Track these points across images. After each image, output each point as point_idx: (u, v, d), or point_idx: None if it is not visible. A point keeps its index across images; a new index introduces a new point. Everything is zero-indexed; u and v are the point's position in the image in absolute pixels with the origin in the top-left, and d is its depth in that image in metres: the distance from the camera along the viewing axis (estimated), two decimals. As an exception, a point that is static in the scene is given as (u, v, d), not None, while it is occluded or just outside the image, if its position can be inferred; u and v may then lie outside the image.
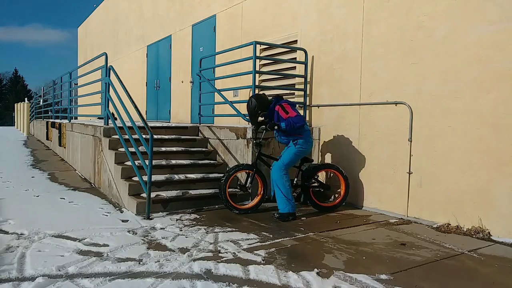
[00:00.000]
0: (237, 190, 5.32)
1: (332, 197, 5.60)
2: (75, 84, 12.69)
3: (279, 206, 4.77)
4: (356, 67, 5.52)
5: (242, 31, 7.88)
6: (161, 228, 4.23)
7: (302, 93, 6.28)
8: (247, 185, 5.13)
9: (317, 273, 3.01)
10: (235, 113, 6.20)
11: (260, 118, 5.08)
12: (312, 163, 5.39)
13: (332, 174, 5.58)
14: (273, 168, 4.89)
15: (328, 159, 5.95)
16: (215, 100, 7.81)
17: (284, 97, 5.39)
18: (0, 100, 59.89)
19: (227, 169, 5.02)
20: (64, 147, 9.57)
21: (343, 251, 3.59)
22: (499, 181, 4.03)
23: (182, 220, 4.61)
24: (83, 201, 5.43)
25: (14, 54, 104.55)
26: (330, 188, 5.42)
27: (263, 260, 3.29)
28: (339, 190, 5.39)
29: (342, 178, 5.29)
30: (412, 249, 3.67)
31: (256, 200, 5.18)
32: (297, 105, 5.77)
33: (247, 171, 5.17)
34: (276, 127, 4.83)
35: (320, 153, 6.08)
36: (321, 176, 5.65)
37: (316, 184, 5.32)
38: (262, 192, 5.17)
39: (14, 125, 27.42)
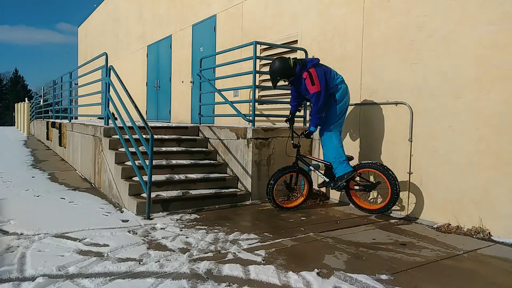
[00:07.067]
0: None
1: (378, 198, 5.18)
2: (75, 84, 12.70)
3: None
4: (356, 67, 5.51)
5: (242, 31, 7.88)
6: (161, 228, 4.23)
7: (302, 93, 6.27)
8: (292, 186, 5.22)
9: (317, 273, 3.01)
10: (236, 113, 6.20)
11: (282, 82, 5.09)
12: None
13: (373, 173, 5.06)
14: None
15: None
16: (215, 100, 7.81)
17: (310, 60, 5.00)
18: (0, 100, 59.89)
19: (274, 173, 5.18)
20: (64, 147, 9.58)
21: (343, 251, 3.59)
22: (499, 181, 4.02)
23: (183, 220, 4.61)
24: (83, 201, 5.43)
25: (14, 54, 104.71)
26: (375, 187, 4.85)
27: (263, 260, 3.29)
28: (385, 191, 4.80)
29: (387, 179, 4.68)
30: (413, 249, 3.67)
31: (301, 199, 5.30)
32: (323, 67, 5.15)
33: (292, 173, 5.23)
34: (311, 135, 5.01)
35: (320, 153, 6.07)
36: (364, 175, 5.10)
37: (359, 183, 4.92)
38: (307, 193, 5.30)
39: (14, 125, 27.44)
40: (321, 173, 5.21)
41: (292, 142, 5.22)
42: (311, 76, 4.68)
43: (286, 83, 5.12)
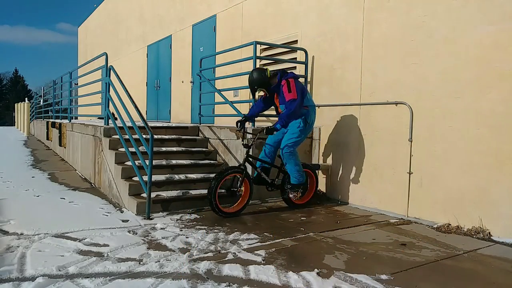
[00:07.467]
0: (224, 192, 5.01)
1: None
2: (75, 84, 12.69)
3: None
4: (356, 67, 5.51)
5: (242, 31, 7.88)
6: (161, 228, 4.23)
7: (302, 93, 6.27)
8: (236, 189, 4.94)
9: (318, 273, 3.01)
10: (236, 113, 6.20)
11: (260, 93, 5.21)
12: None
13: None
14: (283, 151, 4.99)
15: (328, 159, 5.95)
16: (215, 100, 7.81)
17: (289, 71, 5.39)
18: (0, 100, 59.88)
19: (217, 173, 4.88)
20: (64, 147, 9.58)
21: (343, 251, 3.59)
22: (499, 181, 4.02)
23: (183, 220, 4.61)
24: (83, 201, 5.43)
25: (14, 54, 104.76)
26: (307, 188, 5.49)
27: (263, 260, 3.29)
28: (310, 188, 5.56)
29: (314, 176, 5.51)
30: (413, 249, 3.67)
31: (241, 203, 5.00)
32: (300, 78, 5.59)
33: (237, 174, 4.94)
34: (274, 131, 4.85)
35: (320, 153, 6.07)
36: None
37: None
38: (248, 196, 5.01)
39: (14, 125, 27.44)
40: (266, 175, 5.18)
41: (242, 142, 5.12)
42: (289, 84, 4.86)
43: (267, 94, 5.13)
